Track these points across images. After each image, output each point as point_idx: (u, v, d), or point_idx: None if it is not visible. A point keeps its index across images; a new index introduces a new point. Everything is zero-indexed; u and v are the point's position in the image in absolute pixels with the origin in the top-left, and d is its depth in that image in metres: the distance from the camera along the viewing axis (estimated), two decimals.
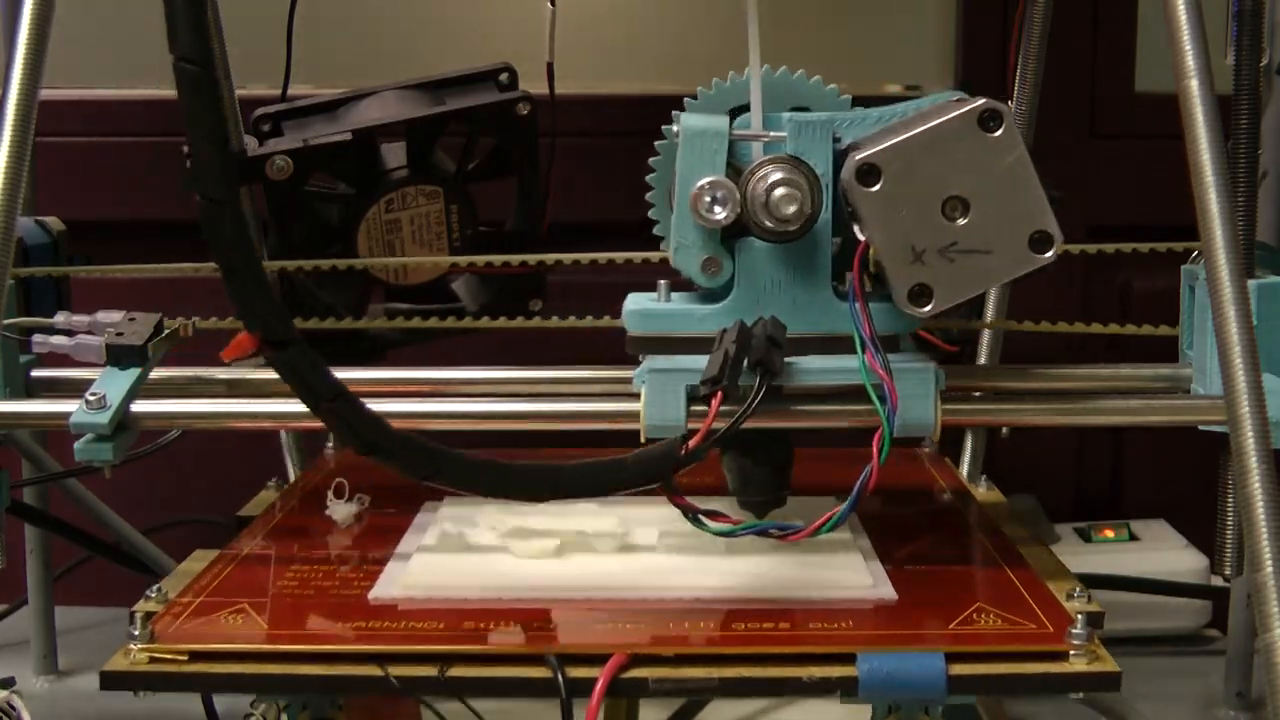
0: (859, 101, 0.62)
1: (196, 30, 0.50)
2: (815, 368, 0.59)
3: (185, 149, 0.79)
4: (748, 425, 0.55)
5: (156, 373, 0.66)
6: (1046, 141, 0.80)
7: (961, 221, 0.56)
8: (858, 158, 0.56)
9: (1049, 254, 0.56)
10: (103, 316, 0.66)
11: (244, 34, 0.81)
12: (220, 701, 0.64)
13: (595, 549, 0.64)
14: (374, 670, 0.53)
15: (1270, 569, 0.50)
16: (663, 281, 0.62)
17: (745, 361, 0.56)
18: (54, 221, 0.78)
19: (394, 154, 0.79)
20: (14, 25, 0.59)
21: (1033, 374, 0.70)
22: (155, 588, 0.59)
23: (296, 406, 0.63)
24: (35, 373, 0.69)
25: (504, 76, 0.80)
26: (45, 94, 0.59)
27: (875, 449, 0.55)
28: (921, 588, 0.60)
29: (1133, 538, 0.98)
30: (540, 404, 0.63)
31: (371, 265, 0.79)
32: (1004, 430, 0.79)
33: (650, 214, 0.65)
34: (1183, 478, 0.88)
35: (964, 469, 0.81)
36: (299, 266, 0.77)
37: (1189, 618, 0.95)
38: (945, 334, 0.78)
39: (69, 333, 0.67)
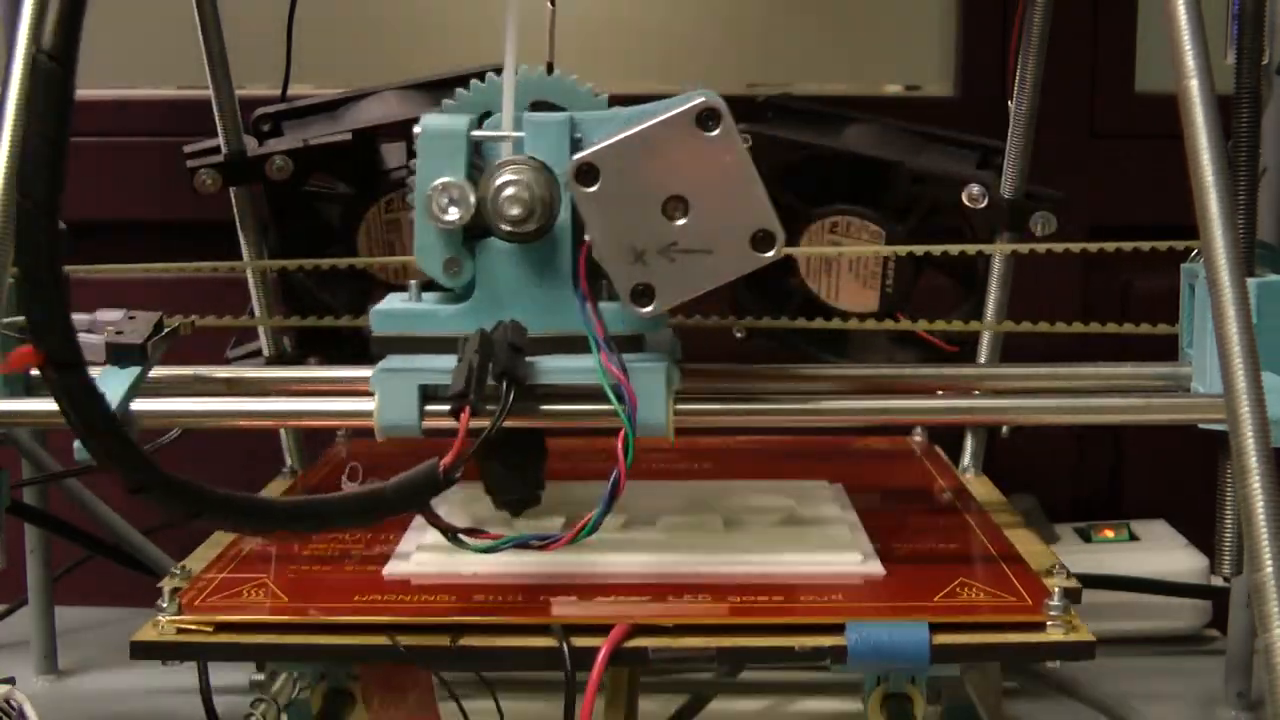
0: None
1: (66, 27, 0.49)
2: (559, 367, 0.59)
3: (186, 149, 0.80)
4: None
5: (156, 371, 0.66)
6: (1046, 141, 0.80)
7: (682, 221, 0.56)
8: (575, 157, 0.56)
9: (771, 252, 0.57)
10: (102, 315, 0.66)
11: (244, 34, 0.81)
12: (221, 701, 0.64)
13: (599, 531, 0.64)
14: (387, 640, 0.56)
15: (1270, 569, 0.50)
16: (414, 281, 0.62)
17: (490, 371, 0.56)
18: None
19: (394, 154, 0.79)
20: (14, 25, 0.59)
21: (1032, 373, 0.70)
22: (180, 565, 0.62)
23: (297, 405, 0.63)
24: (35, 372, 0.69)
25: None
26: None
27: (620, 449, 0.56)
28: (908, 564, 0.62)
29: (1133, 538, 0.98)
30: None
31: (371, 265, 0.79)
32: (1004, 429, 0.79)
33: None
34: (1183, 478, 0.87)
35: (962, 467, 0.81)
36: (299, 266, 0.78)
37: (1189, 618, 0.95)
38: (945, 334, 0.79)
39: None
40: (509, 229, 0.58)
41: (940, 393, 0.71)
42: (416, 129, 0.59)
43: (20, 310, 0.51)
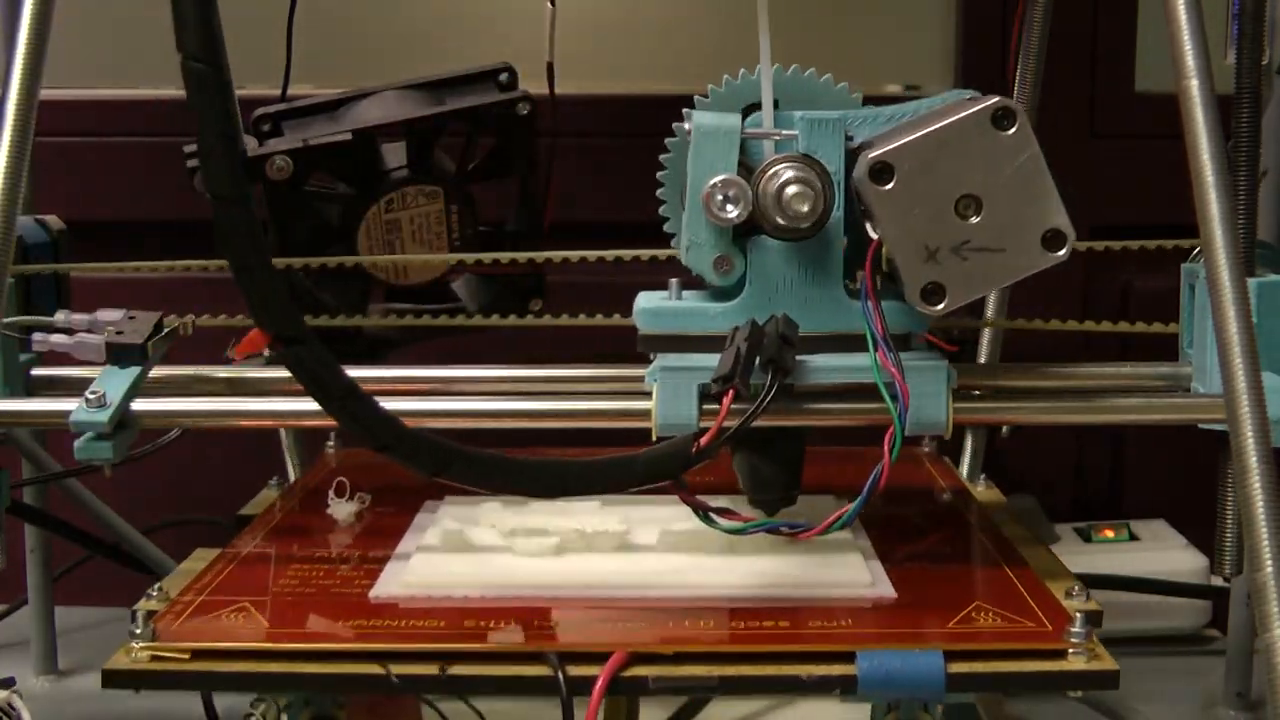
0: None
1: (205, 29, 0.50)
2: (827, 365, 0.59)
3: (186, 150, 0.80)
4: (759, 423, 0.56)
5: (157, 371, 0.66)
6: (1046, 141, 0.79)
7: (974, 220, 0.56)
8: (870, 156, 0.56)
9: (1062, 252, 0.56)
10: (103, 315, 0.66)
11: (244, 34, 0.81)
12: (220, 701, 0.64)
13: (596, 548, 0.64)
14: (375, 668, 0.53)
15: (1270, 569, 0.50)
16: (674, 279, 0.62)
17: (757, 360, 0.56)
18: (54, 220, 0.78)
19: (394, 154, 0.79)
20: (14, 25, 0.59)
21: (1033, 372, 0.70)
22: (156, 586, 0.59)
23: (297, 405, 0.63)
24: (35, 371, 0.69)
25: (504, 76, 0.80)
26: (45, 94, 0.59)
27: (886, 447, 0.55)
28: (920, 586, 0.60)
29: (1133, 538, 0.98)
30: (551, 402, 0.63)
31: (371, 264, 0.79)
32: (1004, 429, 0.79)
33: (661, 211, 0.65)
34: (1183, 478, 0.88)
35: (964, 468, 0.81)
36: (299, 266, 0.77)
37: (1189, 618, 0.95)
38: (946, 333, 0.79)
39: (69, 331, 0.67)
40: (787, 226, 0.57)
41: None
42: (686, 125, 0.59)
43: (244, 299, 0.52)
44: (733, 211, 0.57)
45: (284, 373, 0.71)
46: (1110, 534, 0.98)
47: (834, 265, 0.59)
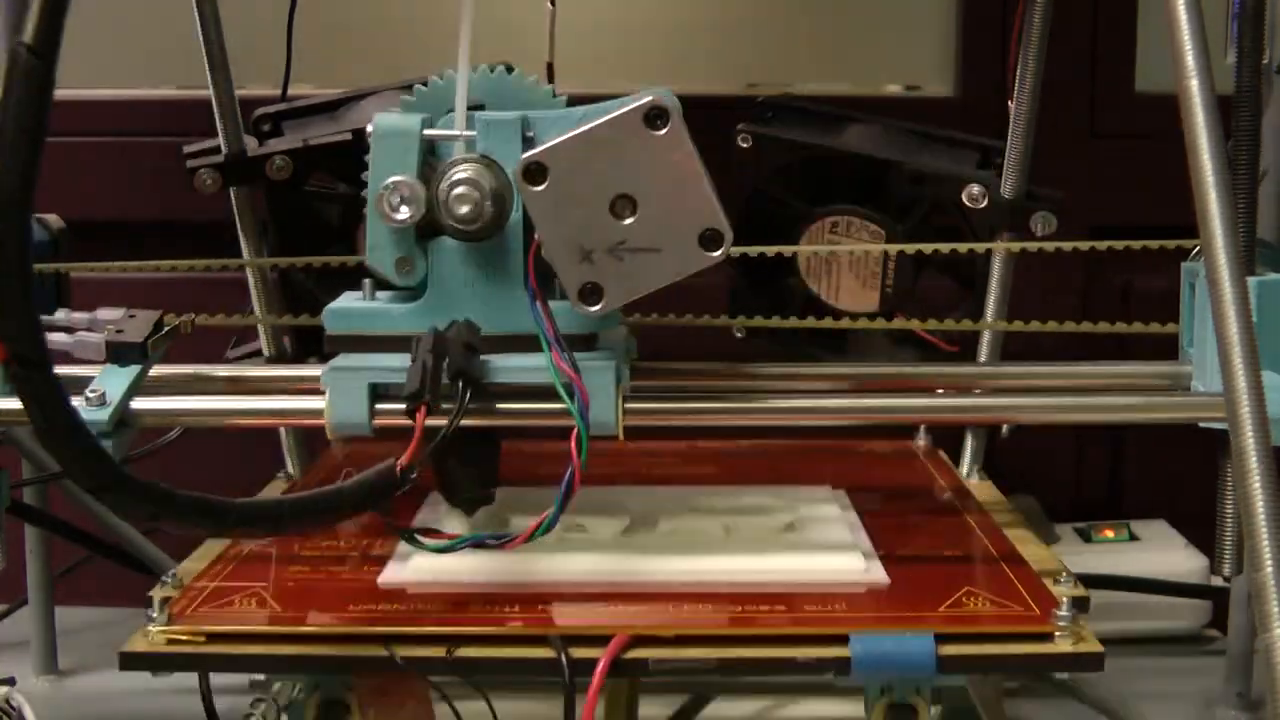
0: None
1: (48, 22, 0.47)
2: (511, 366, 0.59)
3: (186, 150, 0.80)
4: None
5: (156, 370, 0.66)
6: (1046, 141, 0.80)
7: (630, 220, 0.56)
8: (523, 156, 0.56)
9: (718, 252, 0.56)
10: (103, 314, 0.66)
11: (244, 34, 0.81)
12: (220, 701, 0.64)
13: (597, 537, 0.65)
14: (383, 651, 0.55)
15: (1270, 569, 0.50)
16: (367, 280, 0.62)
17: (444, 371, 0.56)
18: (54, 219, 0.78)
19: None
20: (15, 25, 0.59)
21: (1033, 372, 0.70)
22: (171, 573, 0.61)
23: (297, 403, 0.63)
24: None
25: None
26: None
27: (574, 448, 0.56)
28: (913, 572, 0.61)
29: (1133, 538, 0.98)
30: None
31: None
32: (1004, 429, 0.79)
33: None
34: (1183, 478, 0.87)
35: (964, 468, 0.81)
36: (299, 265, 0.78)
37: (1189, 618, 0.95)
38: (945, 333, 0.79)
39: (69, 330, 0.67)
40: (459, 227, 0.58)
41: (940, 392, 0.71)
42: (369, 127, 0.59)
43: None
44: (405, 213, 0.57)
45: (284, 372, 0.72)
46: (1110, 534, 0.98)
47: (514, 266, 0.59)
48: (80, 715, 0.85)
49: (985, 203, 0.76)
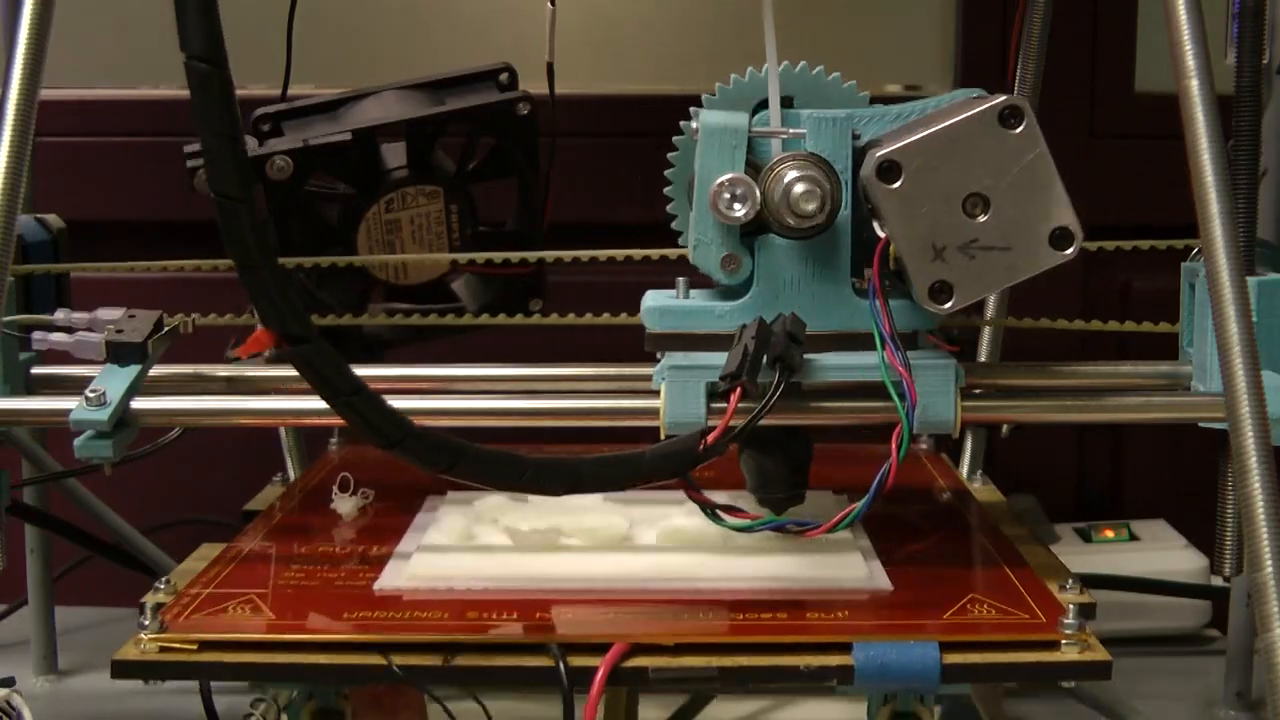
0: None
1: (208, 28, 0.50)
2: (834, 364, 0.59)
3: (186, 149, 0.80)
4: (766, 422, 0.56)
5: (156, 369, 0.66)
6: (1047, 141, 0.80)
7: (982, 218, 0.56)
8: (878, 154, 0.56)
9: (1070, 250, 0.56)
10: (103, 313, 0.66)
11: (244, 34, 0.81)
12: (220, 701, 0.64)
13: (597, 543, 0.64)
14: (379, 659, 0.54)
15: (1270, 569, 0.50)
16: (681, 278, 0.62)
17: (764, 358, 0.56)
18: (54, 219, 0.78)
19: (394, 154, 0.79)
20: (14, 25, 0.59)
21: (1033, 371, 0.70)
22: (164, 579, 0.60)
23: (297, 403, 0.63)
24: (35, 370, 0.69)
25: (504, 76, 0.80)
26: (45, 94, 0.59)
27: (894, 446, 0.55)
28: (917, 579, 0.61)
29: (1133, 538, 0.98)
30: (558, 401, 0.63)
31: (371, 264, 0.79)
32: (1005, 429, 0.79)
33: (669, 208, 0.65)
34: (1183, 478, 0.88)
35: (964, 468, 0.81)
36: (299, 265, 0.78)
37: (1189, 618, 0.95)
38: (946, 332, 0.79)
39: (69, 330, 0.67)
40: (795, 225, 0.57)
41: None
42: (694, 123, 0.59)
43: (249, 300, 0.52)
44: (740, 210, 0.57)
45: (284, 371, 0.72)
46: (1110, 534, 0.98)
47: (842, 264, 0.59)
48: (80, 715, 0.85)
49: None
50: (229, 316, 0.76)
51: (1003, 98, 0.56)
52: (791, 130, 0.59)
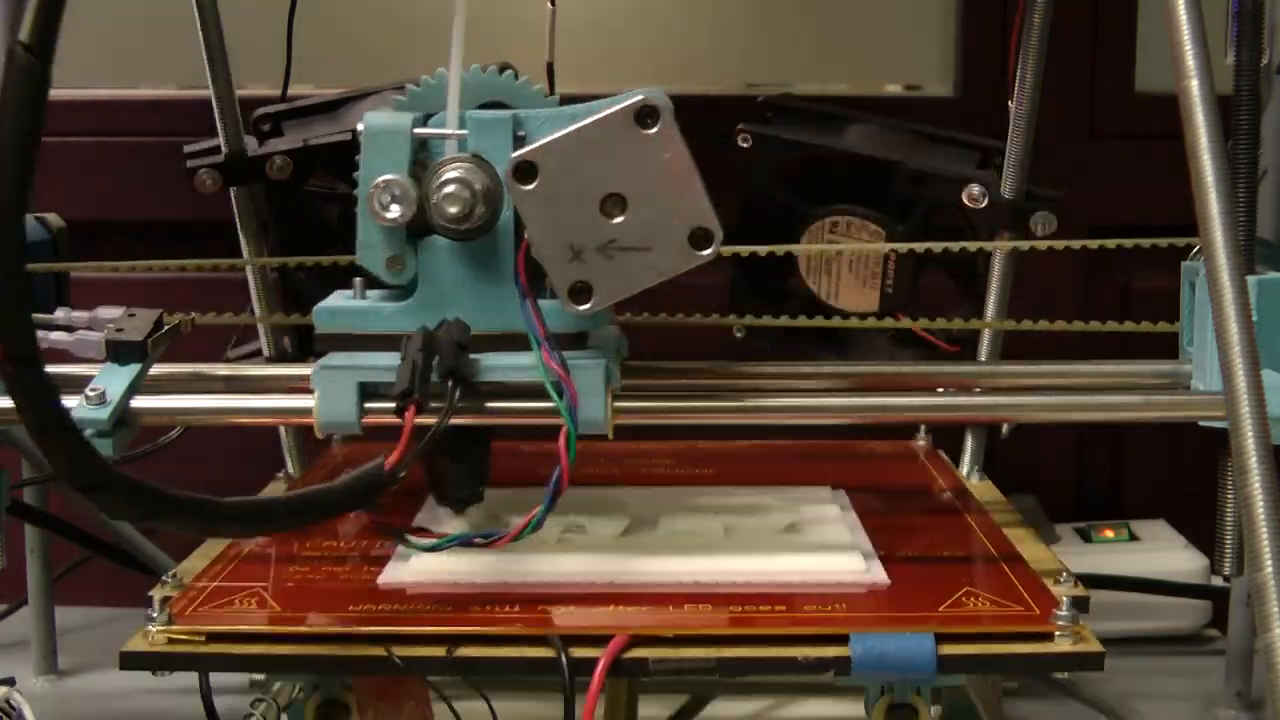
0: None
1: (45, 20, 0.47)
2: (501, 365, 0.59)
3: (186, 149, 0.80)
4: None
5: (156, 368, 0.66)
6: (1046, 141, 0.80)
7: (620, 219, 0.56)
8: (513, 155, 0.56)
9: (708, 251, 0.56)
10: (103, 312, 0.66)
11: (244, 34, 0.81)
12: (220, 702, 0.64)
13: (597, 537, 0.65)
14: (382, 651, 0.55)
15: (1270, 569, 0.50)
16: (358, 279, 0.62)
17: (434, 370, 0.56)
18: (53, 218, 0.79)
19: None
20: (14, 25, 0.59)
21: (1032, 371, 0.70)
22: (171, 573, 0.61)
23: (297, 402, 0.63)
24: None
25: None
26: None
27: (562, 446, 0.56)
28: (913, 572, 0.61)
29: (1133, 538, 0.98)
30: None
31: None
32: (1005, 429, 0.79)
33: None
34: (1183, 478, 0.88)
35: (964, 468, 0.81)
36: (298, 265, 0.78)
37: (1189, 618, 0.95)
38: (946, 332, 0.79)
39: (69, 328, 0.67)
40: (450, 226, 0.58)
41: (940, 391, 0.71)
42: (359, 126, 0.59)
43: None
44: (395, 211, 0.57)
45: (284, 370, 0.72)
46: (1110, 534, 0.98)
47: (505, 265, 0.59)
48: (80, 715, 0.85)
49: (985, 203, 0.77)
50: (229, 316, 0.76)
51: (640, 96, 0.55)
52: (454, 132, 0.59)
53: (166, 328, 0.66)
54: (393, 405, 0.56)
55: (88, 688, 0.89)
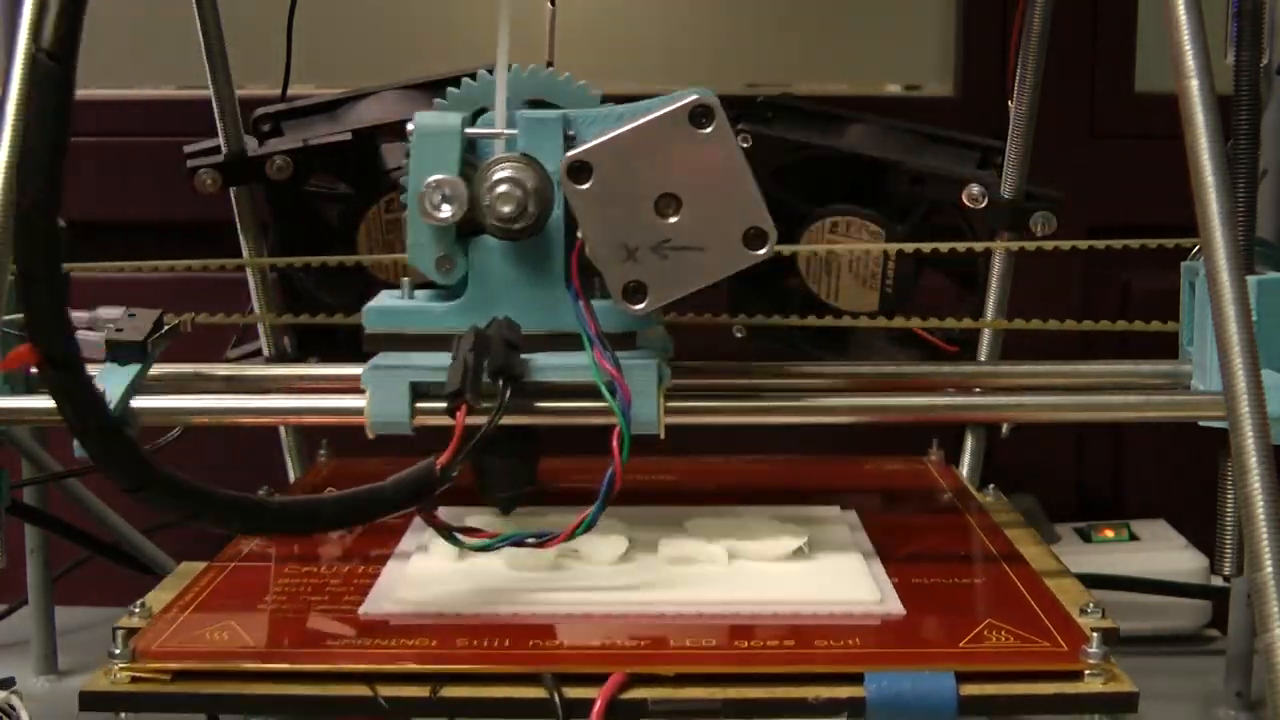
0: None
1: (66, 26, 0.49)
2: (552, 365, 0.59)
3: (186, 149, 0.80)
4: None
5: (156, 368, 0.66)
6: (1046, 141, 0.80)
7: (674, 219, 0.56)
8: (567, 155, 0.56)
9: (763, 250, 0.56)
10: (103, 312, 0.66)
11: (244, 34, 0.81)
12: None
13: (594, 560, 0.62)
14: (364, 690, 0.51)
15: (1270, 569, 0.50)
16: (405, 279, 0.62)
17: (485, 369, 0.56)
18: None
19: (394, 154, 0.79)
20: (14, 25, 0.59)
21: (1032, 370, 0.70)
22: (139, 603, 0.58)
23: (297, 402, 0.63)
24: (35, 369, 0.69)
25: None
26: None
27: (615, 446, 0.55)
28: (930, 603, 0.58)
29: (1133, 538, 0.98)
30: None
31: (371, 264, 0.79)
32: (1005, 429, 0.79)
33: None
34: (1183, 478, 0.87)
35: (964, 468, 0.81)
36: (299, 265, 0.78)
37: (1189, 618, 0.95)
38: (946, 332, 0.79)
39: None
40: (501, 226, 0.58)
41: (940, 391, 0.71)
42: (410, 126, 0.59)
43: (19, 309, 0.51)
44: (447, 211, 0.57)
45: (284, 370, 0.72)
46: (1110, 534, 0.98)
47: (555, 265, 0.59)
48: (80, 715, 0.85)
49: (985, 203, 0.76)
50: (228, 316, 0.76)
51: (694, 96, 0.55)
52: (505, 131, 0.59)
53: (166, 328, 0.66)
54: (443, 405, 0.56)
55: None
